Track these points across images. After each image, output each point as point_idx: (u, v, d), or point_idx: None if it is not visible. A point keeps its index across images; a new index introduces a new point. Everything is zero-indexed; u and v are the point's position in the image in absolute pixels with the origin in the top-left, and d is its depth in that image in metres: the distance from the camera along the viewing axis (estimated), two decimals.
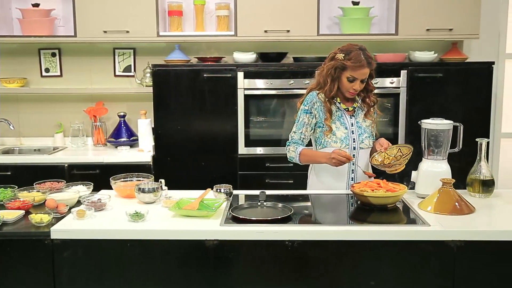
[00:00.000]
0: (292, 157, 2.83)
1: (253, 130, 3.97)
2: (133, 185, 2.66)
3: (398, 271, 2.21)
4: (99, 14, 4.03)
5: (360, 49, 2.74)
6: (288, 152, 2.85)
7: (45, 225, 2.27)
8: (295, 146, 2.81)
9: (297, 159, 2.80)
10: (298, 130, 2.84)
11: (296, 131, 2.84)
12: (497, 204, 2.56)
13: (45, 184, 2.75)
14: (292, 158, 2.84)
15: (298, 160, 2.81)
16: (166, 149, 3.97)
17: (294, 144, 2.83)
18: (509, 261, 2.21)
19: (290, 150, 2.83)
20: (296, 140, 2.83)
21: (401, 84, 3.90)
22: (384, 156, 2.68)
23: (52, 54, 4.42)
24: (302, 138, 2.83)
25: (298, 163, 2.84)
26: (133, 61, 4.41)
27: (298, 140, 2.83)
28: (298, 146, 2.81)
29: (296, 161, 2.83)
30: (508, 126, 4.53)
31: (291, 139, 2.86)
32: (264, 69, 3.93)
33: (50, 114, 4.47)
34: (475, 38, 4.09)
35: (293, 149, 2.82)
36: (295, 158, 2.81)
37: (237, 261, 2.23)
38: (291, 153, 2.83)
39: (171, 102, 3.93)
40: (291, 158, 2.84)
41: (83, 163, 3.93)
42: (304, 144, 2.84)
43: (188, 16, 4.31)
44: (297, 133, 2.84)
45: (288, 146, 2.85)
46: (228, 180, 3.29)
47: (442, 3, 4.00)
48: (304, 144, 2.84)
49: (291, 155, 2.83)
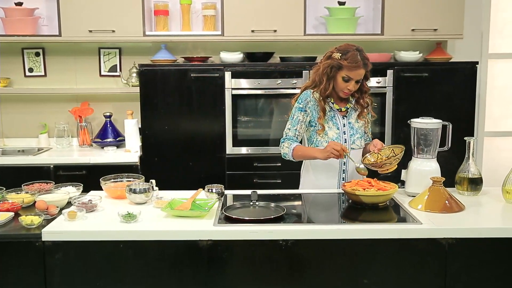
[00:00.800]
0: (285, 153, 2.83)
1: (240, 130, 3.96)
2: (123, 186, 2.64)
3: (391, 269, 2.23)
4: (85, 13, 3.99)
5: (357, 49, 2.75)
6: (282, 148, 2.85)
7: (35, 227, 2.24)
8: (289, 143, 2.81)
9: (291, 155, 2.80)
10: (293, 127, 2.84)
11: (291, 128, 2.84)
12: (485, 202, 2.60)
13: (33, 186, 2.72)
14: (285, 155, 2.83)
15: (291, 156, 2.80)
16: (154, 149, 3.95)
17: (288, 140, 2.83)
18: (499, 258, 2.24)
19: (284, 147, 2.83)
20: (291, 136, 2.84)
21: (388, 84, 3.94)
22: (377, 156, 2.69)
23: (35, 53, 4.36)
24: (297, 135, 2.84)
25: (291, 159, 2.83)
26: (119, 61, 4.38)
27: (292, 137, 2.83)
28: (292, 143, 2.81)
29: (289, 157, 2.82)
30: (491, 125, 4.61)
31: (286, 135, 2.86)
32: (251, 69, 3.93)
33: (34, 114, 4.42)
34: (459, 38, 4.14)
35: (287, 145, 2.81)
36: (289, 154, 2.80)
37: (231, 261, 2.23)
38: (284, 149, 2.83)
39: (158, 102, 3.91)
40: (284, 154, 2.84)
41: (69, 164, 3.88)
42: (298, 140, 2.85)
43: (174, 16, 4.29)
44: (291, 129, 2.84)
45: (282, 143, 2.85)
46: (216, 180, 3.28)
47: (427, 4, 4.05)
48: (298, 141, 2.85)
49: (285, 151, 2.82)
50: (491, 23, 4.48)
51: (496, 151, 4.65)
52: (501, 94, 4.62)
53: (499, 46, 4.55)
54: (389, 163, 2.60)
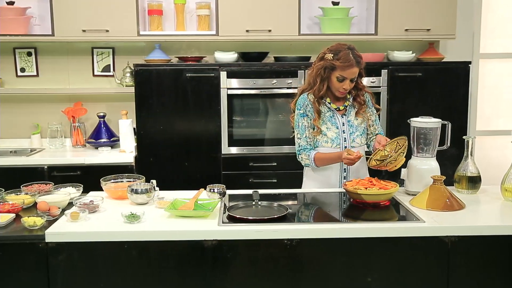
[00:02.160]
0: (307, 164, 2.85)
1: (236, 129, 3.96)
2: (124, 186, 2.63)
3: (394, 267, 2.25)
4: (78, 13, 3.96)
5: (349, 48, 2.77)
6: (301, 160, 2.86)
7: (38, 228, 2.22)
8: (306, 154, 2.82)
9: (313, 165, 2.82)
10: (302, 135, 2.85)
11: (301, 137, 2.86)
12: (484, 200, 2.63)
13: (32, 187, 2.69)
14: (308, 165, 2.85)
15: (314, 166, 2.82)
16: (149, 149, 3.93)
17: (303, 151, 2.84)
18: (500, 255, 2.27)
19: (303, 159, 2.85)
20: (305, 146, 2.85)
21: (382, 84, 3.97)
22: (383, 152, 2.67)
23: (27, 53, 4.32)
24: (309, 142, 2.85)
25: (315, 167, 2.85)
26: (112, 61, 4.35)
27: (306, 146, 2.84)
28: (309, 152, 2.82)
29: (313, 167, 2.84)
30: (483, 124, 4.67)
31: (299, 146, 2.87)
32: (247, 68, 3.93)
33: (26, 115, 4.36)
34: (452, 38, 4.18)
35: (305, 156, 2.83)
36: (311, 164, 2.82)
37: (235, 261, 2.23)
38: (305, 161, 2.84)
39: (153, 102, 3.89)
40: (306, 165, 2.87)
41: (63, 165, 3.84)
42: (312, 147, 2.86)
43: (168, 16, 4.27)
44: (302, 138, 2.85)
45: (299, 155, 2.86)
46: (211, 180, 3.29)
47: (420, 4, 4.08)
48: (313, 147, 2.86)
49: (306, 163, 2.84)
50: (482, 23, 4.53)
51: (487, 150, 4.70)
52: (491, 93, 4.68)
53: (490, 46, 4.61)
54: (394, 159, 2.57)
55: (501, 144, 4.66)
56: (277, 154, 3.97)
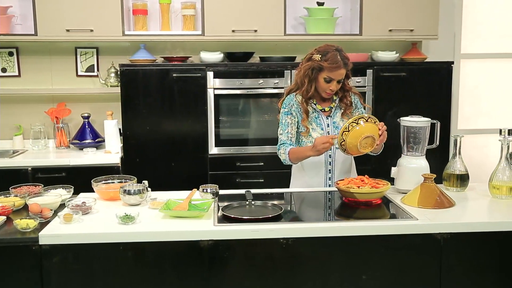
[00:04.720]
0: (284, 160, 2.85)
1: (223, 130, 3.96)
2: (116, 187, 2.61)
3: (389, 264, 2.28)
4: (62, 12, 3.91)
5: (336, 50, 2.79)
6: (280, 155, 2.87)
7: (31, 230, 2.18)
8: (284, 148, 2.83)
9: (288, 160, 2.83)
10: (284, 131, 2.87)
11: (282, 132, 2.87)
12: (473, 197, 2.68)
13: (21, 189, 2.65)
14: (284, 161, 2.86)
15: (289, 161, 2.83)
16: (135, 150, 3.90)
17: (282, 145, 2.85)
18: (491, 251, 2.32)
19: (281, 154, 2.85)
20: (284, 140, 2.86)
21: (367, 83, 4.01)
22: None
23: (9, 53, 4.24)
24: (290, 137, 2.86)
25: (290, 163, 2.86)
26: (96, 61, 4.30)
27: (286, 141, 2.86)
28: (286, 147, 2.83)
29: (288, 162, 2.85)
30: (463, 123, 4.75)
31: (280, 141, 2.88)
32: (233, 68, 3.93)
33: (7, 116, 4.29)
34: (434, 38, 4.25)
35: (283, 151, 2.84)
36: (286, 159, 2.83)
37: (232, 261, 2.23)
38: (282, 156, 2.85)
39: (139, 102, 3.86)
40: (284, 161, 2.87)
41: (48, 166, 3.78)
42: (293, 143, 2.87)
43: (153, 15, 4.24)
44: (283, 134, 2.87)
45: (279, 150, 2.87)
46: (198, 180, 3.28)
47: (404, 5, 4.14)
48: (293, 142, 2.87)
49: (283, 158, 2.85)
50: (463, 24, 4.61)
51: (467, 148, 4.78)
52: (472, 93, 4.76)
53: (470, 47, 4.69)
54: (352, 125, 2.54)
55: (481, 143, 4.75)
56: (264, 154, 3.97)
